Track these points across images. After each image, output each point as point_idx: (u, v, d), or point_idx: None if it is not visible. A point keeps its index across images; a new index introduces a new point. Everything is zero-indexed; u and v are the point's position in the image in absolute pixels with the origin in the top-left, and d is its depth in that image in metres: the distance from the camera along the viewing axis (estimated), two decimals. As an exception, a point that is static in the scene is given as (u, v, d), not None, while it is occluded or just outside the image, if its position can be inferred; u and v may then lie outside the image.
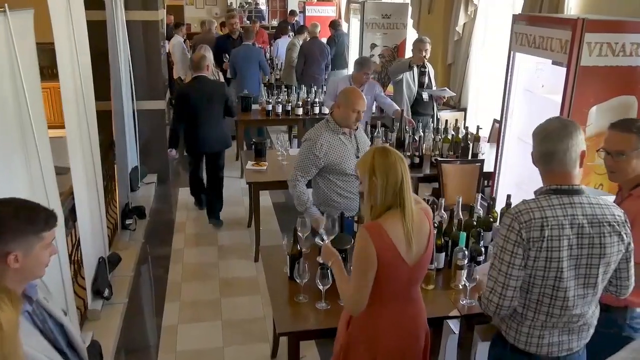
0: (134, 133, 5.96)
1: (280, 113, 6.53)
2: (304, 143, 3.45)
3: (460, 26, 6.27)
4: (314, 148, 3.34)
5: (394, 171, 2.12)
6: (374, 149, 2.25)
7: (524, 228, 1.89)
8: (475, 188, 4.55)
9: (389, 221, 2.12)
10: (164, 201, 6.02)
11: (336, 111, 3.37)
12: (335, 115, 3.38)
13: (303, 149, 3.44)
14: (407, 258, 2.12)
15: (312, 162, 3.37)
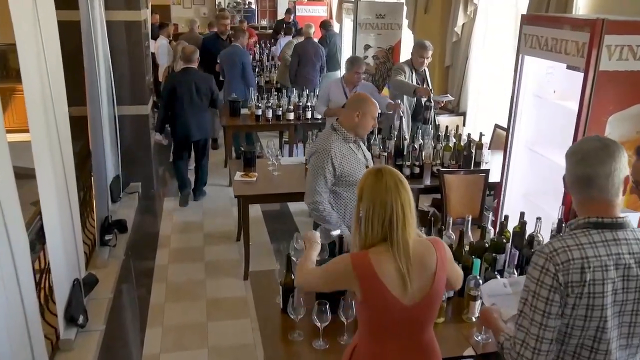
0: (116, 140, 5.61)
1: (271, 118, 6.22)
2: (314, 156, 3.12)
3: (459, 27, 5.99)
4: (328, 159, 3.05)
5: (382, 200, 1.87)
6: (370, 170, 2.01)
7: (560, 271, 1.59)
8: (479, 200, 4.27)
9: (379, 255, 1.88)
10: (147, 212, 5.68)
11: (350, 119, 3.10)
12: (347, 123, 3.11)
13: (316, 162, 3.10)
14: (402, 297, 1.86)
15: (329, 173, 3.08)
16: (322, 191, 3.09)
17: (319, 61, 7.72)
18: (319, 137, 3.21)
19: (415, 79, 5.19)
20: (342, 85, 5.16)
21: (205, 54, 7.24)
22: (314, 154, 3.13)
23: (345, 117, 3.14)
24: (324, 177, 3.07)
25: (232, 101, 6.40)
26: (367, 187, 1.90)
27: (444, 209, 4.23)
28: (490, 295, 2.26)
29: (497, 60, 5.75)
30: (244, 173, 4.42)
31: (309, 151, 3.23)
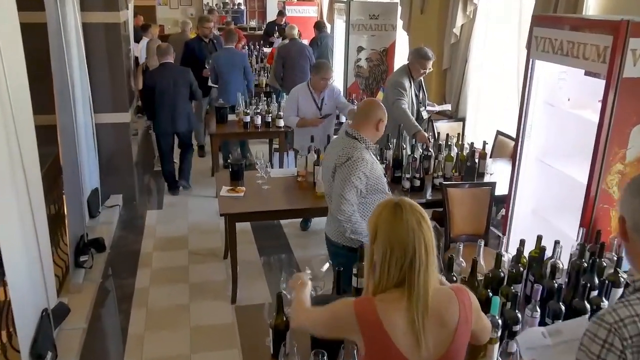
0: (94, 150, 5.25)
1: (260, 125, 5.88)
2: (345, 165, 2.86)
3: (458, 28, 5.68)
4: (360, 168, 2.86)
5: (402, 241, 1.58)
6: (385, 203, 1.69)
7: (629, 347, 1.23)
8: (485, 215, 3.95)
9: (388, 302, 1.60)
10: (128, 227, 5.31)
11: (370, 126, 2.94)
12: (367, 131, 2.94)
13: (348, 172, 2.86)
14: (411, 355, 1.58)
15: (361, 183, 2.89)
16: (353, 202, 2.90)
17: (307, 63, 7.38)
18: (341, 146, 2.93)
19: (413, 90, 4.87)
20: (310, 91, 4.86)
21: (190, 58, 6.88)
22: (343, 164, 2.86)
23: (363, 125, 2.94)
24: (356, 187, 2.88)
25: (219, 107, 6.06)
26: (384, 226, 1.61)
27: (447, 225, 3.92)
28: (528, 348, 1.95)
29: (499, 63, 5.45)
30: (230, 188, 4.07)
31: (329, 160, 2.97)
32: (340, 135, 3.14)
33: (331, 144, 3.23)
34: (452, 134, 5.77)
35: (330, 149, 3.10)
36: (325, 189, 3.12)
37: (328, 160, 3.04)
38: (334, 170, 2.91)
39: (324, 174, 3.12)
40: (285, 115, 5.03)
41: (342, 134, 3.04)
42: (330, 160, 2.98)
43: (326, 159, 3.11)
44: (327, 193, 3.08)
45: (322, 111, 4.91)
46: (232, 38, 6.63)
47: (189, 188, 6.18)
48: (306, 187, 4.21)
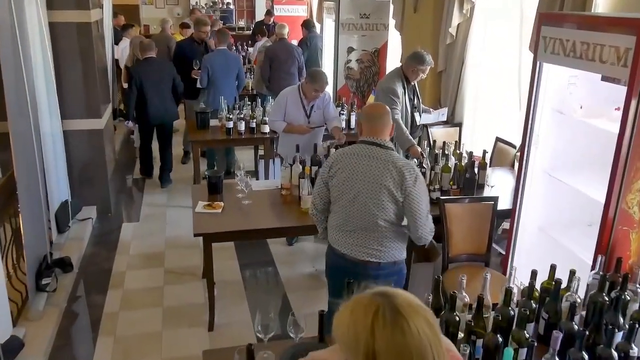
0: (63, 159, 4.86)
1: (244, 131, 5.51)
2: (419, 180, 2.65)
3: (454, 27, 5.34)
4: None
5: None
6: (365, 309, 1.21)
7: None
8: (486, 232, 3.60)
9: None
10: (101, 243, 4.93)
11: (388, 132, 2.75)
12: (387, 137, 2.74)
13: (422, 185, 2.68)
14: None
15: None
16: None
17: (294, 64, 7.01)
18: (387, 161, 2.61)
19: (407, 94, 4.52)
20: (301, 97, 4.49)
21: (182, 60, 6.49)
22: (417, 179, 2.62)
23: (384, 132, 2.70)
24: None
25: (200, 112, 5.68)
26: (386, 344, 1.14)
27: (445, 243, 3.57)
28: None
29: (498, 64, 5.11)
30: (207, 203, 3.70)
31: (409, 169, 2.63)
32: (361, 149, 2.67)
33: (355, 157, 2.67)
34: (448, 140, 5.43)
35: (367, 165, 2.62)
36: (367, 211, 2.66)
37: (368, 180, 2.62)
38: (401, 189, 2.59)
39: (364, 200, 2.65)
40: (271, 120, 4.65)
41: (364, 146, 2.67)
42: (374, 181, 2.60)
43: (361, 178, 2.64)
44: (371, 213, 2.65)
45: (310, 119, 4.55)
46: (225, 39, 6.25)
47: (171, 183, 6.29)
48: (291, 201, 3.85)
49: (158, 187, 6.24)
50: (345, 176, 2.67)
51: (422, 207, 2.64)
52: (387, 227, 2.66)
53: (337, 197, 2.72)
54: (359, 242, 2.71)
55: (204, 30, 6.62)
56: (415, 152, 4.21)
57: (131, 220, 5.39)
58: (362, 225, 2.67)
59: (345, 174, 2.68)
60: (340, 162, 2.71)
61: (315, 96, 4.45)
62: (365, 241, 2.70)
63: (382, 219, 2.64)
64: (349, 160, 2.68)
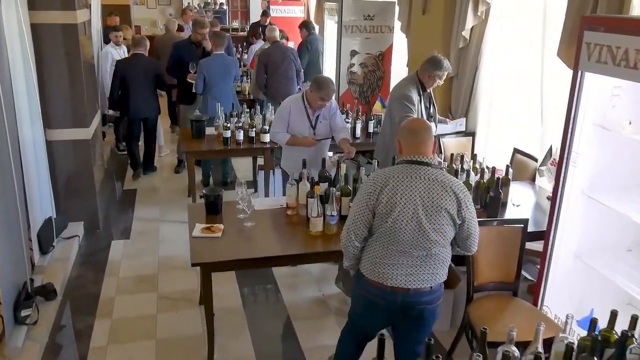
0: (46, 172, 4.47)
1: (242, 140, 5.14)
2: (470, 197, 2.56)
3: (467, 30, 5.00)
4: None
5: None
6: None
7: None
8: (515, 259, 3.26)
9: None
10: (88, 263, 4.54)
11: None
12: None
13: (471, 202, 2.56)
14: None
15: None
16: None
17: (291, 67, 6.65)
18: (436, 182, 2.42)
19: (423, 102, 4.19)
20: (305, 107, 4.13)
21: (178, 62, 6.11)
22: (470, 199, 2.51)
23: (430, 149, 2.52)
24: None
25: (195, 120, 5.30)
26: None
27: (470, 271, 3.22)
28: None
29: (516, 69, 4.77)
30: (205, 226, 3.33)
31: (458, 198, 2.44)
32: (411, 170, 2.42)
33: (408, 179, 2.40)
34: (461, 150, 5.11)
35: (424, 188, 2.38)
36: (427, 237, 2.42)
37: (427, 204, 2.38)
38: (461, 212, 2.44)
39: (420, 227, 2.40)
40: (274, 132, 4.27)
41: (414, 167, 2.44)
42: (434, 205, 2.39)
43: (418, 202, 2.38)
44: (429, 239, 2.43)
45: (316, 130, 4.19)
46: (222, 42, 5.88)
47: (155, 170, 6.67)
48: (297, 222, 3.49)
49: (150, 199, 5.87)
50: (396, 201, 2.38)
51: (476, 227, 2.54)
52: (443, 251, 2.51)
53: (388, 225, 2.41)
54: (410, 271, 2.47)
55: (201, 32, 6.22)
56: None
57: (121, 237, 5.00)
58: (414, 253, 2.44)
59: (396, 198, 2.39)
60: (386, 186, 2.41)
61: (321, 105, 4.09)
62: (422, 269, 2.48)
63: (439, 245, 2.46)
64: (398, 184, 2.40)
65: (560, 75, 4.00)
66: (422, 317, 2.56)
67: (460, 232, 2.50)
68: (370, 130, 5.47)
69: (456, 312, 3.70)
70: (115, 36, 7.17)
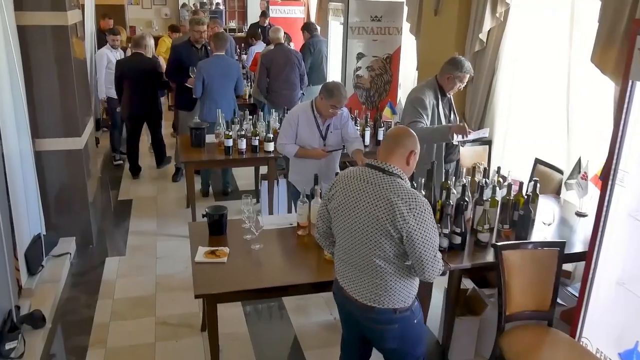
0: (34, 185, 4.15)
1: (245, 149, 4.83)
2: (423, 213, 2.20)
3: (485, 33, 4.71)
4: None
5: None
6: None
7: None
8: (551, 285, 2.97)
9: None
10: (81, 284, 4.22)
11: (402, 160, 2.32)
12: (399, 163, 2.32)
13: (425, 217, 2.23)
14: None
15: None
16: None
17: (294, 71, 6.36)
18: (384, 188, 2.23)
19: (441, 107, 3.90)
20: (314, 116, 3.83)
21: (177, 65, 5.79)
22: (420, 214, 2.21)
23: (395, 158, 2.29)
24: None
25: (194, 128, 4.98)
26: None
27: (502, 299, 2.92)
28: None
29: (538, 74, 4.48)
30: (209, 250, 3.02)
31: (393, 209, 2.20)
32: (362, 172, 2.31)
33: (354, 181, 2.32)
34: (477, 160, 4.82)
35: (363, 191, 2.26)
36: (357, 249, 2.30)
37: (362, 209, 2.24)
38: (397, 226, 2.16)
39: (357, 232, 2.28)
40: (281, 143, 3.95)
41: (367, 170, 2.31)
42: (367, 212, 2.22)
43: (355, 205, 2.27)
44: (366, 247, 2.26)
45: (327, 141, 3.88)
46: (223, 44, 5.56)
47: (169, 162, 6.66)
48: (309, 245, 3.19)
49: (147, 210, 5.55)
50: (341, 201, 2.33)
51: (427, 249, 2.20)
52: (385, 266, 2.25)
53: (335, 223, 2.40)
54: (356, 278, 2.34)
55: (198, 30, 5.87)
56: (459, 130, 3.66)
57: (116, 254, 4.68)
58: (358, 259, 2.31)
59: (340, 198, 2.34)
60: (339, 184, 2.38)
61: (332, 114, 3.79)
62: (361, 279, 2.32)
63: (378, 257, 2.24)
64: (346, 184, 2.34)
65: (590, 81, 3.72)
66: (384, 339, 2.40)
67: (408, 251, 2.21)
68: (379, 138, 5.18)
69: (482, 341, 3.41)
70: (112, 39, 6.91)
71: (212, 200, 5.79)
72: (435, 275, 2.28)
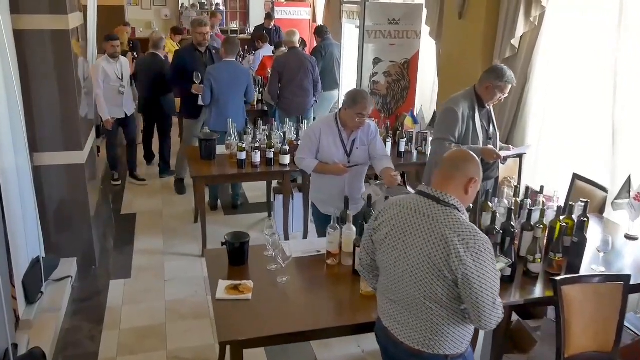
0: (32, 204, 3.81)
1: (259, 162, 4.50)
2: (481, 252, 1.92)
3: (517, 38, 4.39)
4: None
5: None
6: None
7: None
8: (615, 323, 2.65)
9: None
10: (83, 311, 3.88)
11: (460, 189, 2.07)
12: (457, 192, 2.07)
13: (488, 259, 1.95)
14: None
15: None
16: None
17: (308, 77, 6.05)
18: (449, 222, 1.95)
19: (478, 120, 3.58)
20: (338, 128, 3.49)
21: (181, 72, 5.47)
22: (478, 254, 1.91)
23: (452, 186, 2.03)
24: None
25: (205, 140, 4.65)
26: None
27: (561, 340, 2.60)
28: None
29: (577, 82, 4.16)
30: (231, 285, 2.68)
31: (448, 247, 1.93)
32: (414, 201, 2.05)
33: (404, 210, 2.06)
34: (506, 174, 4.52)
35: (415, 224, 2.01)
36: (410, 292, 2.03)
37: (411, 245, 2.00)
38: (452, 266, 1.90)
39: (406, 270, 2.02)
40: (299, 158, 3.62)
41: (419, 198, 2.05)
42: (417, 248, 1.97)
43: (404, 239, 2.03)
44: (415, 287, 2.00)
45: (351, 158, 3.55)
46: (234, 49, 5.25)
47: (171, 175, 6.43)
48: (340, 275, 2.87)
49: (152, 226, 5.22)
50: (388, 233, 2.09)
51: (485, 294, 1.92)
52: (437, 309, 2.00)
53: (380, 257, 2.16)
54: (403, 319, 2.08)
55: (201, 32, 5.53)
56: (489, 154, 3.49)
57: (121, 276, 4.33)
58: (406, 299, 2.05)
59: (388, 230, 2.09)
60: (387, 213, 2.14)
61: (360, 124, 3.43)
62: (409, 320, 2.06)
63: (428, 299, 1.99)
64: (395, 214, 2.09)
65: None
66: None
67: (464, 295, 1.93)
68: (401, 150, 4.86)
69: (531, 381, 3.09)
70: (112, 46, 5.80)
71: (221, 214, 5.45)
72: (494, 325, 2.00)
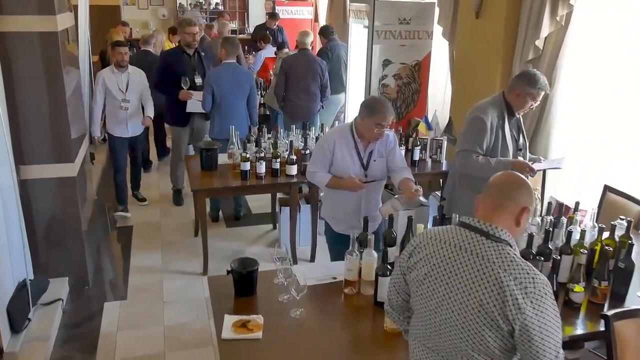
0: (18, 221, 3.50)
1: (264, 174, 4.19)
2: (543, 298, 1.63)
3: (542, 39, 4.09)
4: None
5: None
6: None
7: None
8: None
9: None
10: (75, 339, 3.56)
11: (510, 217, 1.77)
12: (506, 223, 1.76)
13: (550, 305, 1.65)
14: None
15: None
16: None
17: (316, 81, 5.75)
18: (503, 264, 1.66)
19: (507, 129, 3.28)
20: (354, 139, 3.17)
21: (166, 75, 5.14)
22: (540, 301, 1.62)
23: (503, 218, 1.74)
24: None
25: (206, 149, 4.33)
26: None
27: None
28: None
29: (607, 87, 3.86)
30: (239, 321, 2.37)
31: (504, 295, 1.64)
32: (457, 235, 1.76)
33: (446, 246, 1.77)
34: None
35: (460, 264, 1.71)
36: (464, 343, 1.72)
37: (458, 288, 1.70)
38: (509, 316, 1.62)
39: (450, 317, 1.73)
40: (311, 171, 3.30)
41: (463, 232, 1.76)
42: (466, 293, 1.68)
43: (447, 281, 1.73)
44: (460, 339, 1.71)
45: (369, 172, 3.23)
46: (234, 50, 4.93)
47: (150, 164, 6.74)
48: (360, 309, 2.57)
49: (149, 240, 4.90)
50: (427, 273, 1.79)
51: (547, 347, 1.63)
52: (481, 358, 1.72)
53: (417, 300, 1.85)
54: None
55: (190, 32, 5.13)
56: (520, 166, 3.18)
57: (116, 297, 4.02)
58: (447, 349, 1.77)
59: (427, 269, 1.79)
60: (423, 249, 1.82)
61: (378, 135, 3.11)
62: None
63: (477, 351, 1.70)
64: (435, 250, 1.79)
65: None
66: None
67: (520, 348, 1.65)
68: (415, 158, 4.55)
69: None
70: (120, 53, 5.03)
71: (223, 226, 5.13)
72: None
